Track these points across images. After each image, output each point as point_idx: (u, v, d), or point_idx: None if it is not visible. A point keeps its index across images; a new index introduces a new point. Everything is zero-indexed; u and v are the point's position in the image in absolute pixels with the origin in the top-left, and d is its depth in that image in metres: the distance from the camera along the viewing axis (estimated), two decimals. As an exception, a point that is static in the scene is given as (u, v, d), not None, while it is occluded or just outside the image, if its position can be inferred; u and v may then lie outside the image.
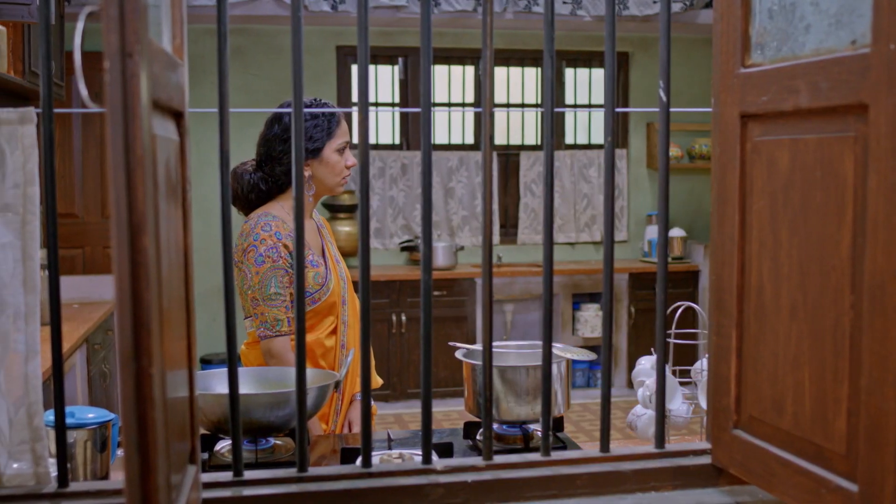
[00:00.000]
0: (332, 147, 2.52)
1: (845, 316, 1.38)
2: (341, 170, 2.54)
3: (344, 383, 2.52)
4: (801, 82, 1.47)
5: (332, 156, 2.52)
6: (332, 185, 2.55)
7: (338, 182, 2.55)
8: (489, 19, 1.64)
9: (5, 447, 1.59)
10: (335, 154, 2.52)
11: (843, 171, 1.38)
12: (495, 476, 1.68)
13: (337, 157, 2.53)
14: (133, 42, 1.07)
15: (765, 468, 1.59)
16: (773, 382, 1.57)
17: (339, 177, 2.54)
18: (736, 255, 1.66)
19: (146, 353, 1.08)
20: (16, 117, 1.58)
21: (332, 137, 2.52)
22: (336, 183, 2.55)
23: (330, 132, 2.51)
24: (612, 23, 1.72)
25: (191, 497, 1.47)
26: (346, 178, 2.57)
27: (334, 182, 2.54)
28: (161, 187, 1.23)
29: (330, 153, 2.51)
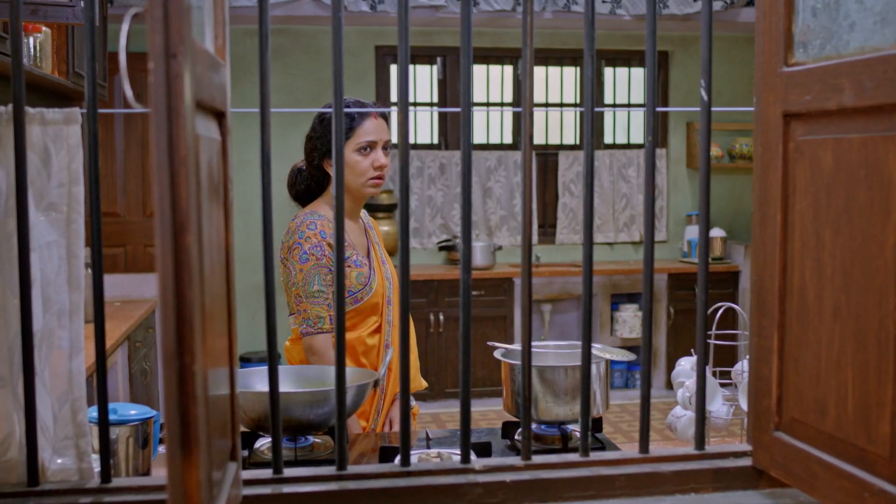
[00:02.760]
0: (352, 147, 2.52)
1: (889, 317, 1.36)
2: (364, 170, 2.52)
3: (386, 382, 2.53)
4: (846, 81, 1.45)
5: (351, 156, 2.51)
6: (358, 186, 2.53)
7: (362, 183, 2.53)
8: (529, 18, 1.64)
9: (50, 442, 1.62)
10: (355, 154, 2.52)
11: (889, 170, 1.36)
12: (534, 476, 1.68)
13: (358, 158, 2.52)
14: (177, 43, 1.08)
15: (806, 471, 1.57)
16: (815, 384, 1.55)
17: (364, 177, 2.52)
18: (778, 255, 1.64)
19: (189, 351, 1.10)
20: (61, 118, 1.60)
21: (351, 137, 2.52)
22: (360, 184, 2.53)
23: (349, 132, 2.51)
24: (653, 21, 1.71)
25: (231, 494, 1.48)
26: (373, 180, 2.55)
27: (358, 183, 2.53)
28: (204, 187, 1.25)
29: (349, 153, 2.51)
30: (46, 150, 1.60)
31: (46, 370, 1.60)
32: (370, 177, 2.53)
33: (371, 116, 2.55)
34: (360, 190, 2.55)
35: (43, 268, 1.61)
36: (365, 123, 2.54)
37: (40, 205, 1.61)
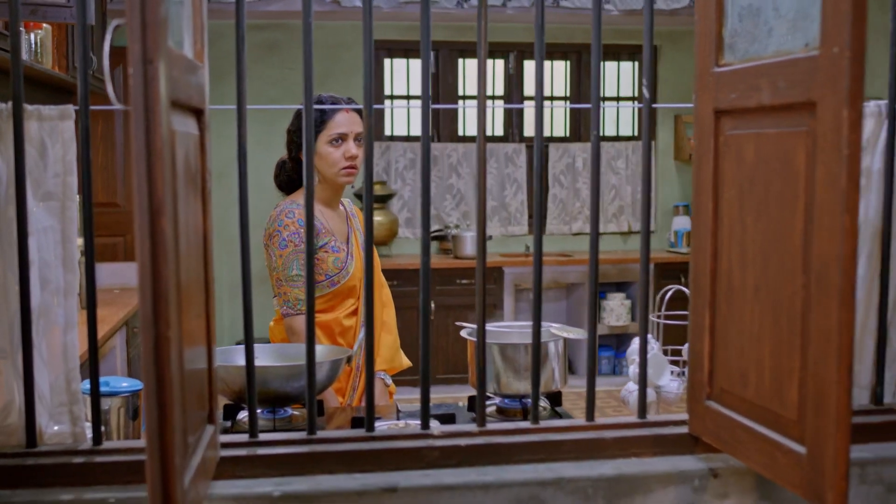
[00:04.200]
0: (324, 139, 2.67)
1: (797, 295, 1.52)
2: (336, 160, 2.68)
3: (362, 361, 2.69)
4: (764, 81, 1.60)
5: (324, 147, 2.67)
6: (332, 176, 2.69)
7: (335, 172, 2.69)
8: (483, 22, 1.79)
9: (46, 409, 1.78)
10: (327, 146, 2.67)
11: (797, 163, 1.52)
12: (487, 441, 1.84)
13: (330, 149, 2.68)
14: (153, 50, 1.23)
15: (732, 435, 1.73)
16: (739, 357, 1.71)
17: (336, 167, 2.68)
18: (709, 241, 1.79)
19: (164, 320, 1.26)
20: (56, 114, 1.75)
21: (323, 130, 2.67)
22: (334, 174, 2.69)
23: (321, 125, 2.66)
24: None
25: (208, 454, 1.64)
26: (346, 169, 2.70)
27: (332, 172, 2.68)
28: (180, 176, 1.40)
29: (323, 145, 2.67)
30: (43, 143, 1.75)
31: (43, 344, 1.76)
32: (342, 167, 2.68)
33: (342, 110, 2.70)
34: (335, 179, 2.70)
35: (40, 251, 1.76)
36: (336, 117, 2.68)
37: (37, 193, 1.76)
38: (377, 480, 1.75)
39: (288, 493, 1.72)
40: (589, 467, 1.83)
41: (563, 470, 1.81)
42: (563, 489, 1.79)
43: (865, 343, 2.02)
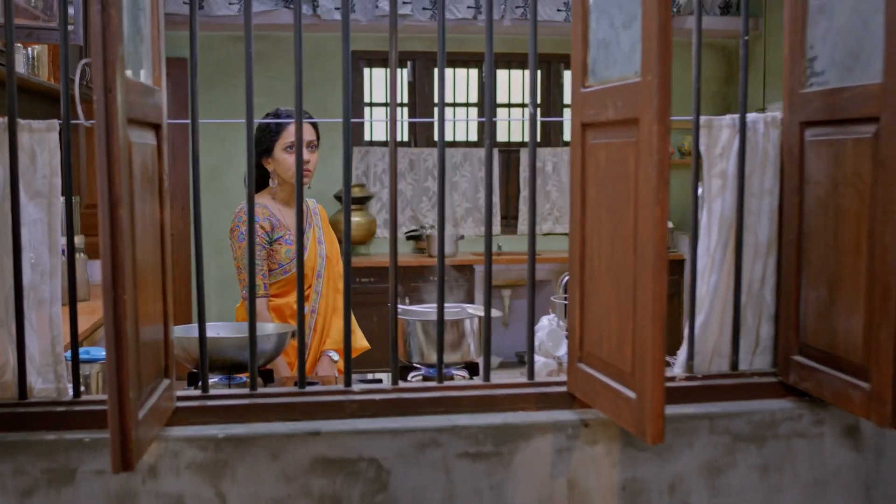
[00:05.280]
0: (280, 146, 3.06)
1: (630, 272, 1.91)
2: (290, 165, 3.06)
3: (311, 341, 3.08)
4: (610, 101, 1.99)
5: (280, 153, 3.06)
6: (288, 178, 3.08)
7: (290, 175, 3.08)
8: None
9: (35, 369, 2.16)
10: (283, 152, 3.06)
11: (629, 166, 1.91)
12: (398, 396, 2.23)
13: (285, 155, 3.06)
14: (111, 81, 1.63)
15: (593, 389, 2.12)
16: (598, 324, 2.10)
17: (290, 171, 3.07)
18: (578, 231, 2.18)
19: (120, 285, 1.65)
20: (44, 127, 2.14)
21: (279, 139, 3.05)
22: (289, 176, 3.08)
23: (277, 135, 3.04)
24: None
25: (163, 401, 2.03)
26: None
27: (288, 175, 3.07)
28: (137, 177, 1.79)
29: (279, 152, 3.05)
30: (33, 151, 2.14)
31: (33, 314, 2.14)
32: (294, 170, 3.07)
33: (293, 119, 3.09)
34: (291, 181, 3.09)
35: (31, 238, 2.14)
36: (290, 127, 3.07)
37: (28, 192, 2.15)
38: (304, 427, 2.15)
39: (230, 435, 2.11)
40: (481, 418, 2.22)
41: (459, 420, 2.20)
42: (457, 435, 2.18)
43: (725, 319, 2.41)
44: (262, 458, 2.12)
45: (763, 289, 2.41)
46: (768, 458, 2.32)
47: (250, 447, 2.12)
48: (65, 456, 2.06)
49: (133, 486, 2.08)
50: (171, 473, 2.09)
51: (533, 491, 2.22)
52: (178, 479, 2.09)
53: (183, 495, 2.10)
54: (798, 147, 2.26)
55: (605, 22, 2.04)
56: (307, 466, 2.14)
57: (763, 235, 2.38)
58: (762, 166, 2.36)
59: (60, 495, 2.06)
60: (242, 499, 2.12)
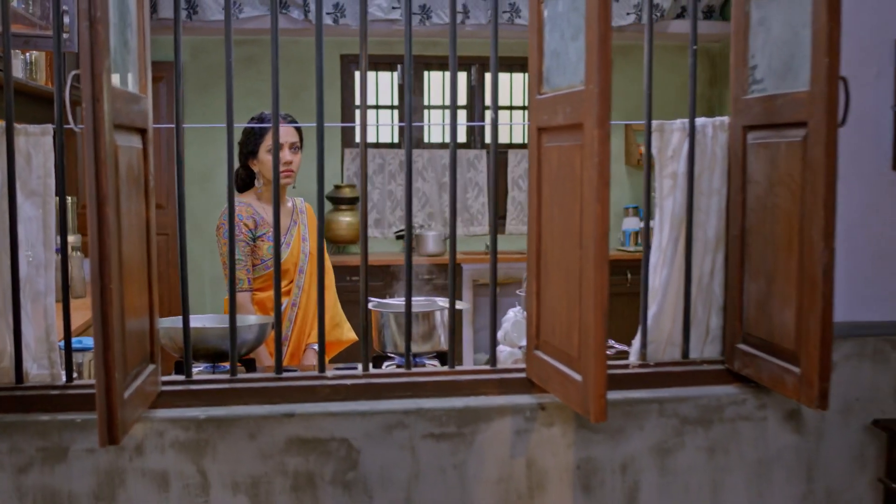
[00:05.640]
0: (264, 148, 3.22)
1: (577, 265, 2.08)
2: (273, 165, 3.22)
3: (290, 333, 3.24)
4: (560, 107, 2.16)
5: (264, 155, 3.22)
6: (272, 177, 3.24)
7: None
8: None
9: (31, 355, 2.33)
10: (267, 154, 3.22)
11: (576, 167, 2.07)
12: (368, 381, 2.40)
13: (269, 157, 3.22)
14: (98, 91, 1.80)
15: (547, 374, 2.29)
16: (551, 314, 2.26)
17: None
18: (535, 227, 2.35)
19: (107, 275, 1.81)
20: (39, 131, 2.30)
21: (263, 141, 3.21)
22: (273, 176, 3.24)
23: (261, 137, 3.20)
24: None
25: (148, 385, 2.20)
26: (282, 173, 3.23)
27: (271, 175, 3.23)
28: (123, 177, 1.96)
29: (263, 153, 3.22)
30: (28, 153, 2.30)
31: (28, 305, 2.31)
32: (279, 171, 3.22)
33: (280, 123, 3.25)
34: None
35: (27, 234, 2.31)
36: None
37: (24, 191, 2.31)
38: (279, 409, 2.31)
39: (211, 416, 2.28)
40: (445, 402, 2.38)
41: (424, 403, 2.37)
42: (422, 417, 2.35)
43: (677, 310, 2.57)
44: (240, 438, 2.29)
45: (712, 282, 2.57)
46: (715, 440, 2.49)
47: (230, 428, 2.29)
48: (58, 435, 2.23)
49: (121, 463, 2.25)
50: (156, 452, 2.26)
51: (493, 470, 2.39)
52: (162, 457, 2.26)
53: (167, 472, 2.27)
54: (741, 149, 2.43)
55: (556, 34, 2.21)
56: (283, 446, 2.30)
57: (711, 232, 2.54)
58: (711, 167, 2.53)
59: (54, 472, 2.23)
60: (222, 476, 2.29)
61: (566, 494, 2.43)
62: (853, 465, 2.57)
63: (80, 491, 2.24)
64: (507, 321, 2.88)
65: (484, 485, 2.38)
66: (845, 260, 2.52)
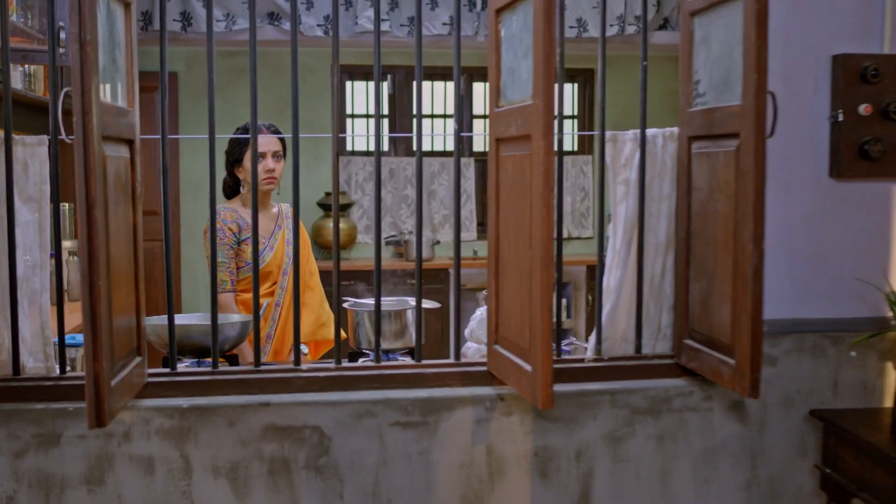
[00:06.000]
0: (248, 157, 3.40)
1: (528, 265, 2.26)
2: (258, 173, 3.41)
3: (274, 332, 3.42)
4: (512, 119, 2.35)
5: (248, 163, 3.40)
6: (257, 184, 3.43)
7: (259, 182, 3.42)
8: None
9: (27, 349, 2.51)
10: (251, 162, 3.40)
11: (527, 175, 2.26)
12: (340, 374, 2.58)
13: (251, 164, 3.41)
14: (88, 105, 1.98)
15: (503, 367, 2.47)
16: (507, 310, 2.45)
17: (258, 178, 3.41)
18: (494, 231, 2.54)
19: (95, 272, 2.00)
20: (35, 142, 2.49)
21: (248, 150, 3.40)
22: (259, 182, 3.42)
23: (245, 146, 3.39)
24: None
25: (135, 376, 2.39)
26: (265, 180, 3.41)
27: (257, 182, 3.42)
28: (111, 184, 2.15)
29: (247, 161, 3.40)
30: (25, 162, 2.49)
31: (25, 302, 2.49)
32: (262, 178, 3.41)
33: (262, 133, 3.44)
34: (260, 188, 3.44)
35: (24, 237, 2.49)
36: (258, 139, 3.42)
37: (22, 197, 2.49)
38: (256, 399, 2.50)
39: (193, 405, 2.46)
40: (411, 393, 2.57)
41: (392, 394, 2.55)
42: (389, 406, 2.53)
43: (631, 309, 2.76)
44: (220, 425, 2.47)
45: (663, 282, 2.76)
46: (663, 429, 2.67)
47: (211, 416, 2.47)
48: (52, 422, 2.41)
49: (110, 448, 2.44)
50: (142, 438, 2.44)
51: (456, 456, 2.57)
52: (148, 443, 2.45)
53: (153, 457, 2.45)
54: (687, 158, 2.62)
55: (511, 53, 2.40)
56: (260, 433, 2.49)
57: (662, 235, 2.73)
58: (661, 175, 2.72)
59: (48, 456, 2.41)
60: (203, 461, 2.47)
61: (524, 480, 2.61)
62: (794, 453, 2.75)
63: (71, 474, 2.43)
64: (473, 320, 3.07)
65: (447, 470, 2.57)
66: (787, 261, 2.71)
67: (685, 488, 2.70)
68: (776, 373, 2.71)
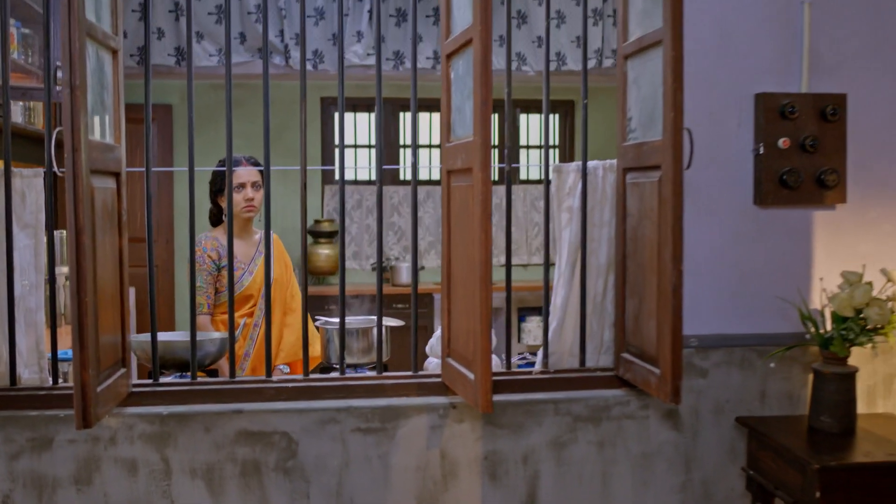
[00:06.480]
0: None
1: (472, 284, 2.53)
2: (237, 202, 3.68)
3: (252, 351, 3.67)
4: (460, 154, 2.62)
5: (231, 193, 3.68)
6: (237, 213, 3.70)
7: (238, 210, 3.68)
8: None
9: (23, 362, 2.76)
10: (233, 192, 3.68)
11: (469, 203, 2.53)
12: (307, 385, 2.84)
13: (234, 194, 3.68)
14: (77, 143, 2.26)
15: (454, 377, 2.73)
16: (457, 325, 2.71)
17: (238, 207, 3.68)
18: (446, 254, 2.80)
19: (83, 289, 2.26)
20: (31, 174, 2.76)
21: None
22: (238, 211, 3.69)
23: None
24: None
25: (120, 386, 2.64)
26: (245, 208, 3.68)
27: (237, 211, 3.69)
28: (98, 213, 2.42)
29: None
30: (23, 192, 2.76)
31: (22, 319, 2.75)
32: (242, 206, 3.68)
33: (242, 164, 3.72)
34: (239, 215, 3.71)
35: (20, 260, 2.75)
36: (239, 170, 3.70)
37: (19, 224, 2.76)
38: (230, 407, 2.76)
39: (173, 413, 2.72)
40: (371, 402, 2.82)
41: (354, 403, 2.81)
42: (351, 414, 2.79)
43: (576, 325, 3.02)
44: (197, 430, 2.73)
45: (605, 301, 3.02)
46: (603, 435, 2.93)
47: (189, 422, 2.72)
48: (45, 428, 2.67)
49: (97, 451, 2.69)
50: (126, 442, 2.70)
51: (412, 459, 2.82)
52: (132, 447, 2.70)
53: (136, 459, 2.70)
54: (622, 187, 2.89)
55: (458, 93, 2.68)
56: (233, 438, 2.74)
57: (603, 258, 2.99)
58: (601, 202, 2.99)
59: (41, 458, 2.67)
60: (182, 463, 2.72)
61: (475, 481, 2.86)
62: (725, 457, 3.00)
63: (62, 475, 2.68)
64: (434, 337, 3.33)
65: (404, 472, 2.82)
66: (716, 281, 2.98)
67: (624, 490, 2.94)
68: (707, 384, 2.97)
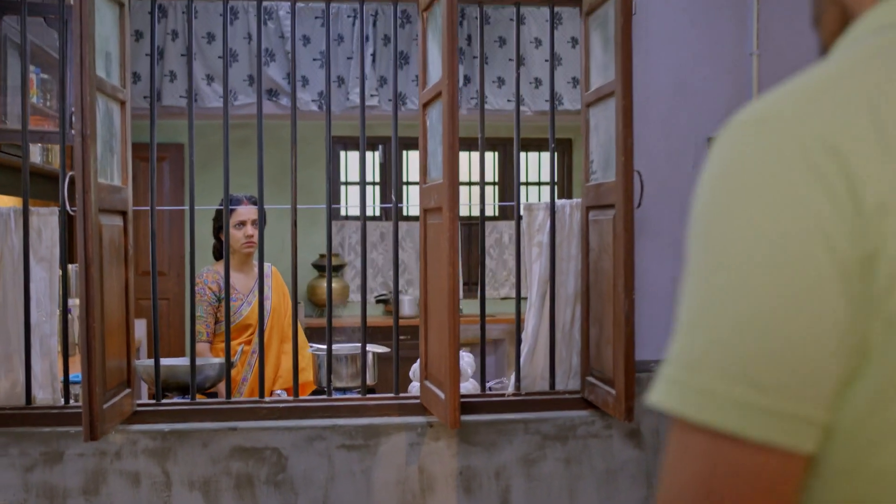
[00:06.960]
0: (231, 224, 3.96)
1: (444, 313, 2.79)
2: (238, 238, 3.95)
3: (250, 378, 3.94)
4: (432, 195, 2.90)
5: (231, 230, 3.96)
6: (237, 248, 3.98)
7: (238, 247, 3.96)
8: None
9: (38, 383, 3.04)
10: (233, 229, 3.96)
11: (440, 237, 2.80)
12: (296, 405, 3.10)
13: (235, 231, 3.96)
14: (87, 186, 2.54)
15: (430, 398, 2.98)
16: (432, 350, 2.97)
17: (238, 243, 3.96)
18: (423, 286, 3.07)
19: (92, 316, 2.54)
20: (47, 212, 3.05)
21: (231, 218, 3.96)
22: (238, 247, 3.97)
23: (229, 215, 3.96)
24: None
25: (125, 405, 2.91)
26: (245, 245, 3.96)
27: (237, 246, 3.97)
28: (106, 248, 2.70)
29: (230, 228, 3.96)
30: (39, 228, 3.05)
31: (37, 344, 3.03)
32: (242, 242, 3.97)
33: (243, 203, 4.01)
34: (240, 251, 3.99)
35: (37, 291, 3.04)
36: (239, 208, 3.99)
37: (36, 257, 3.05)
38: (226, 425, 3.01)
39: (174, 429, 2.98)
40: (355, 421, 3.08)
41: (339, 421, 3.07)
42: (336, 431, 3.04)
43: (546, 351, 3.27)
44: (196, 446, 2.98)
45: (573, 329, 3.27)
46: (570, 453, 3.17)
47: (188, 438, 2.98)
48: (56, 443, 2.93)
49: (104, 465, 2.95)
50: (130, 456, 2.96)
51: (392, 474, 3.07)
52: (135, 461, 2.96)
53: (139, 473, 2.96)
54: (585, 224, 3.16)
55: (433, 140, 2.96)
56: (228, 453, 3.00)
57: (570, 289, 3.25)
58: (569, 238, 3.25)
59: (53, 471, 2.93)
60: (181, 476, 2.98)
61: (451, 495, 3.10)
62: (684, 473, 3.23)
63: (72, 486, 2.94)
64: (417, 363, 3.58)
65: (385, 486, 3.06)
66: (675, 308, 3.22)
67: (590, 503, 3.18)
68: (667, 405, 3.20)
